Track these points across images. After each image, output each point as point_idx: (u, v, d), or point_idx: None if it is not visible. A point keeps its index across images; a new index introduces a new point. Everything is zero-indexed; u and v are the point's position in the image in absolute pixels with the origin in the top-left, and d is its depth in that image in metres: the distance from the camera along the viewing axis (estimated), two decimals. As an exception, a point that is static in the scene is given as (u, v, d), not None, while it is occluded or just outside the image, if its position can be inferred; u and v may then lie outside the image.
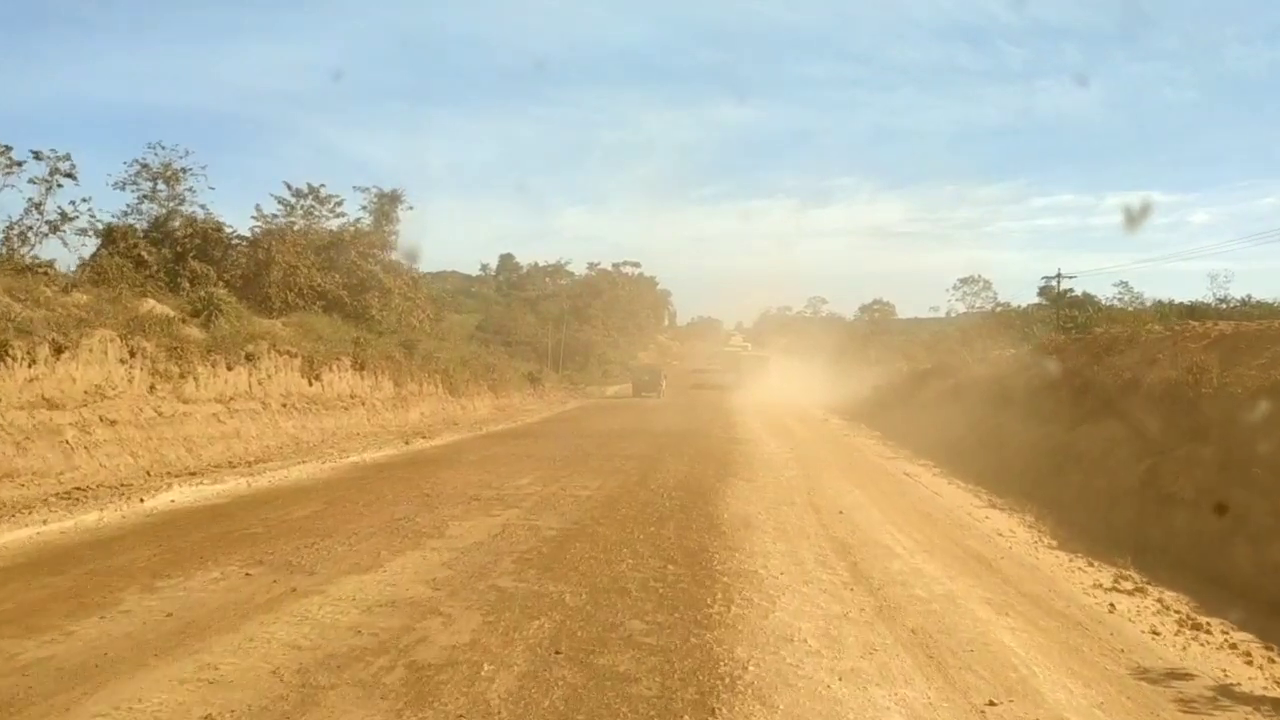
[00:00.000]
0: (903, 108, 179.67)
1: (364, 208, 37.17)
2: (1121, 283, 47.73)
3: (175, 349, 15.98)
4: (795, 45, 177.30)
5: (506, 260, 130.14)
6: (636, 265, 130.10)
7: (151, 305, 18.52)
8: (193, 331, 18.06)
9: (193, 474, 12.97)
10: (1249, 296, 31.59)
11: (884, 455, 20.27)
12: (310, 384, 20.13)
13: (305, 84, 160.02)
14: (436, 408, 26.36)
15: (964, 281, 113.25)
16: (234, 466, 14.24)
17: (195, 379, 16.21)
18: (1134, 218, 58.12)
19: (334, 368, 21.45)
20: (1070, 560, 9.26)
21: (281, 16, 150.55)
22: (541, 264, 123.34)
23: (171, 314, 18.07)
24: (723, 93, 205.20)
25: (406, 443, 18.94)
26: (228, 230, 26.26)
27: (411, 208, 42.01)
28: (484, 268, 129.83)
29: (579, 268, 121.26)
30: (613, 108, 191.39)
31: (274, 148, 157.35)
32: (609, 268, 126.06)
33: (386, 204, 41.73)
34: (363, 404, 22.13)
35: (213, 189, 28.86)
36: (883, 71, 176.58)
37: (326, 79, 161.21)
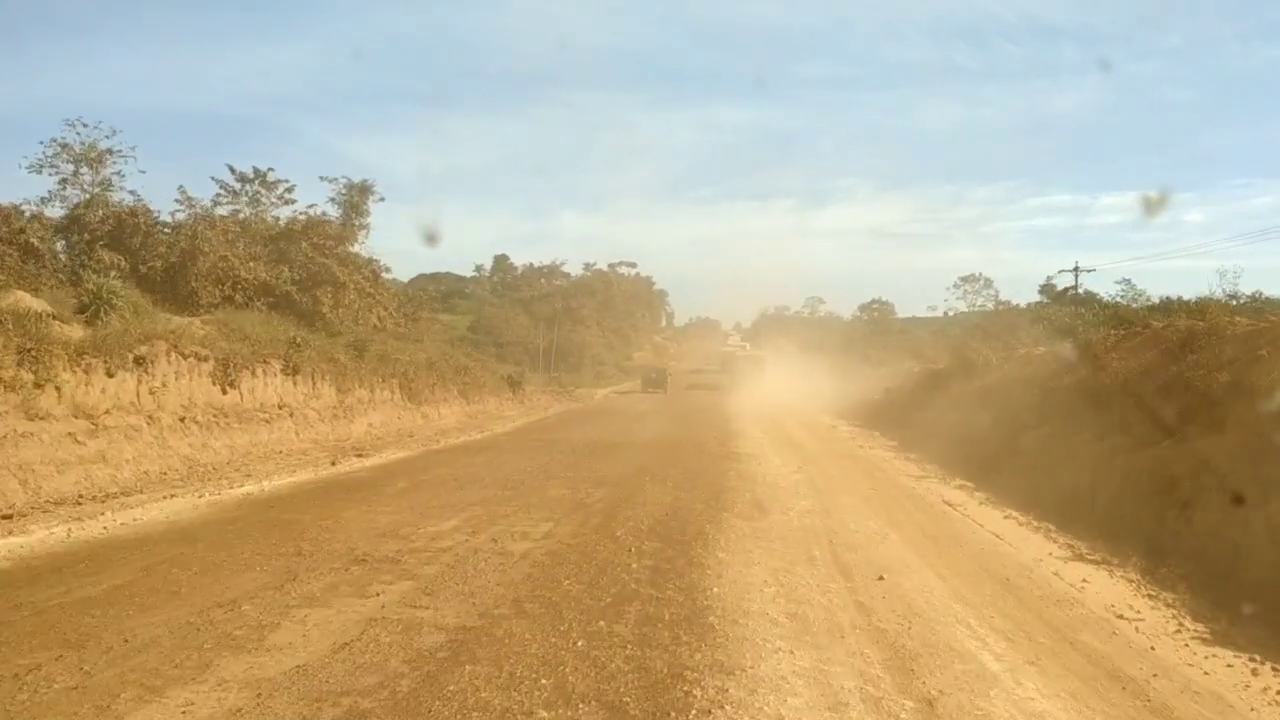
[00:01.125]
0: (900, 108, 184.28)
1: (332, 200, 34.66)
2: (1124, 280, 47.26)
3: (29, 351, 12.68)
4: (793, 46, 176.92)
5: (501, 261, 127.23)
6: (633, 265, 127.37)
7: (18, 298, 15.25)
8: (71, 330, 14.78)
9: (4, 518, 9.67)
10: (1259, 292, 29.97)
11: (910, 474, 17.00)
12: (224, 392, 16.82)
13: (302, 87, 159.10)
14: (390, 417, 23.05)
15: (965, 280, 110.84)
16: (81, 503, 10.93)
17: (57, 388, 12.90)
18: (1151, 207, 57.56)
19: (259, 373, 18.14)
20: (1248, 665, 5.99)
21: (275, 19, 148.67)
22: (537, 265, 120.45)
23: (43, 309, 14.80)
24: (721, 94, 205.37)
25: (334, 463, 15.62)
26: (149, 216, 22.97)
27: (383, 199, 39.17)
28: (478, 268, 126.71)
29: (575, 268, 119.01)
30: (611, 110, 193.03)
31: (267, 150, 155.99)
32: (605, 268, 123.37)
33: (356, 195, 38.75)
34: (292, 415, 18.81)
35: (143, 172, 25.68)
36: (880, 71, 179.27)
37: (322, 81, 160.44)
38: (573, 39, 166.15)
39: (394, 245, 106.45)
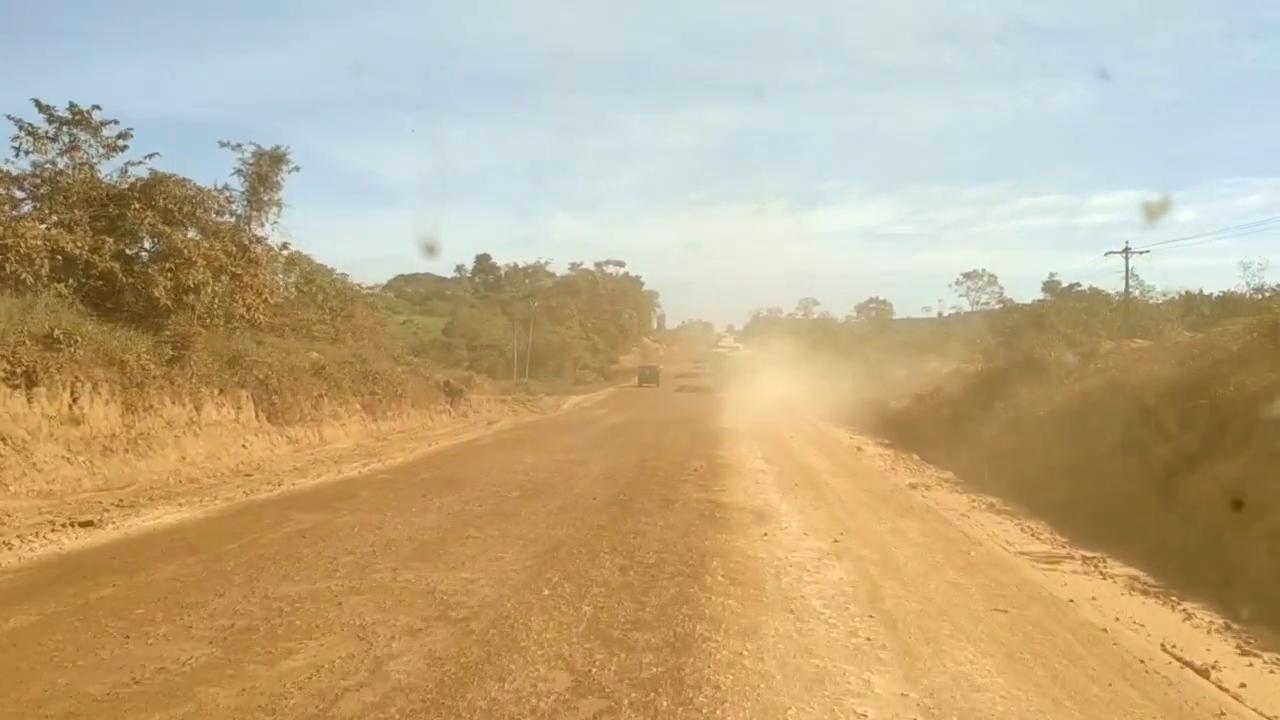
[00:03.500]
0: (890, 109, 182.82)
1: (237, 171, 27.94)
2: (1133, 275, 46.48)
3: None
4: (783, 48, 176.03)
5: (483, 261, 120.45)
6: (621, 264, 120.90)
7: None
8: None
9: None
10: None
11: (1033, 554, 9.97)
12: None
13: (289, 93, 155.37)
14: (227, 445, 15.92)
15: (967, 277, 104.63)
16: None
17: None
18: (1154, 212, 58.50)
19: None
20: None
21: (261, 26, 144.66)
22: (522, 265, 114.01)
23: None
24: (712, 97, 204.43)
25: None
26: None
27: (298, 168, 32.16)
28: (459, 269, 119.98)
29: (561, 268, 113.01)
30: (602, 114, 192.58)
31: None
32: (591, 267, 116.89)
33: (265, 166, 31.75)
34: (21, 450, 11.72)
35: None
36: (870, 73, 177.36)
37: (310, 87, 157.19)
38: (563, 43, 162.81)
39: (382, 251, 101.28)
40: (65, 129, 20.43)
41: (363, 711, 4.54)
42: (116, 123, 20.99)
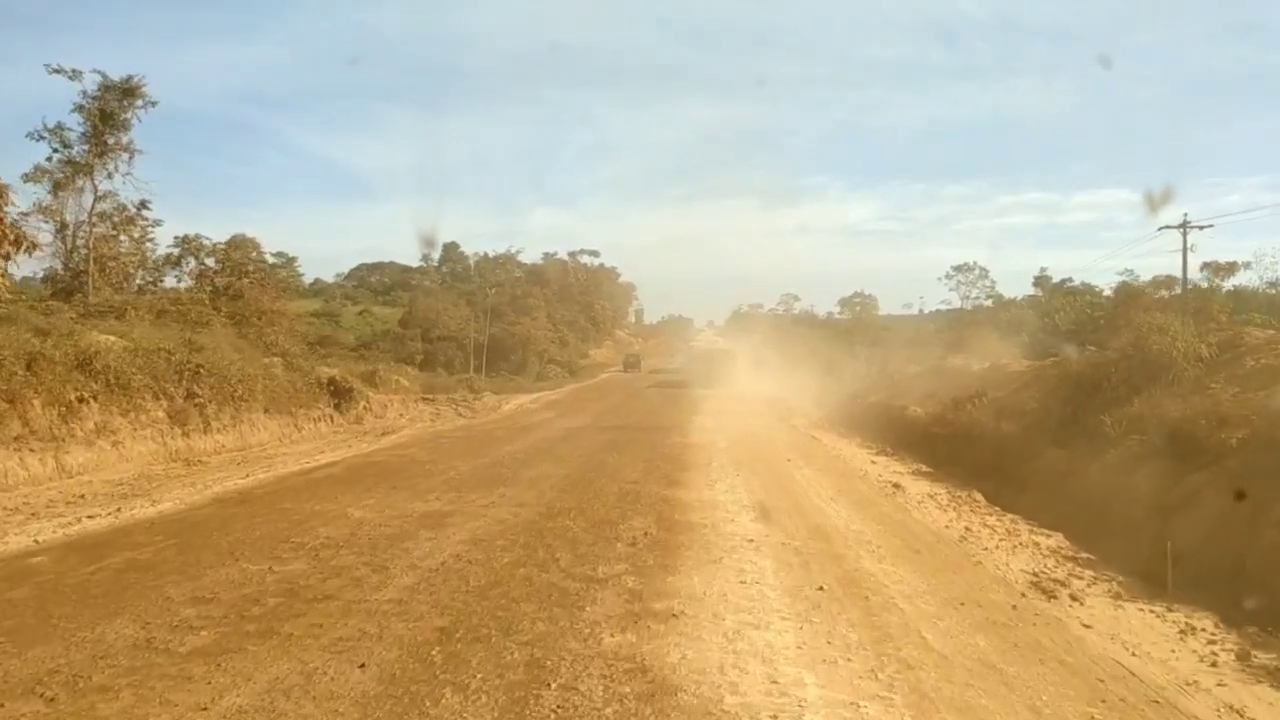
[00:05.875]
0: (873, 105, 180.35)
1: (78, 106, 21.24)
2: (1127, 270, 47.19)
3: None
4: (767, 44, 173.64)
5: (451, 250, 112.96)
6: (595, 254, 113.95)
7: None
8: None
9: None
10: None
11: None
12: None
13: (273, 84, 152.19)
14: None
15: (958, 270, 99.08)
16: None
17: None
18: (1154, 203, 53.43)
19: None
20: None
21: (244, 17, 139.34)
22: (493, 254, 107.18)
23: None
24: (694, 92, 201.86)
25: None
26: None
27: (155, 103, 25.46)
28: (425, 257, 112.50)
29: (534, 257, 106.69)
30: (583, 108, 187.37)
31: (234, 148, 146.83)
32: (565, 256, 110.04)
33: (112, 100, 25.01)
34: None
35: None
36: (853, 69, 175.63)
37: (293, 78, 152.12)
38: (546, 37, 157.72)
39: (360, 245, 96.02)
40: None
41: None
42: None
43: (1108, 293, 35.93)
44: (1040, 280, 75.64)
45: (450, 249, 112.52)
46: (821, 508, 11.12)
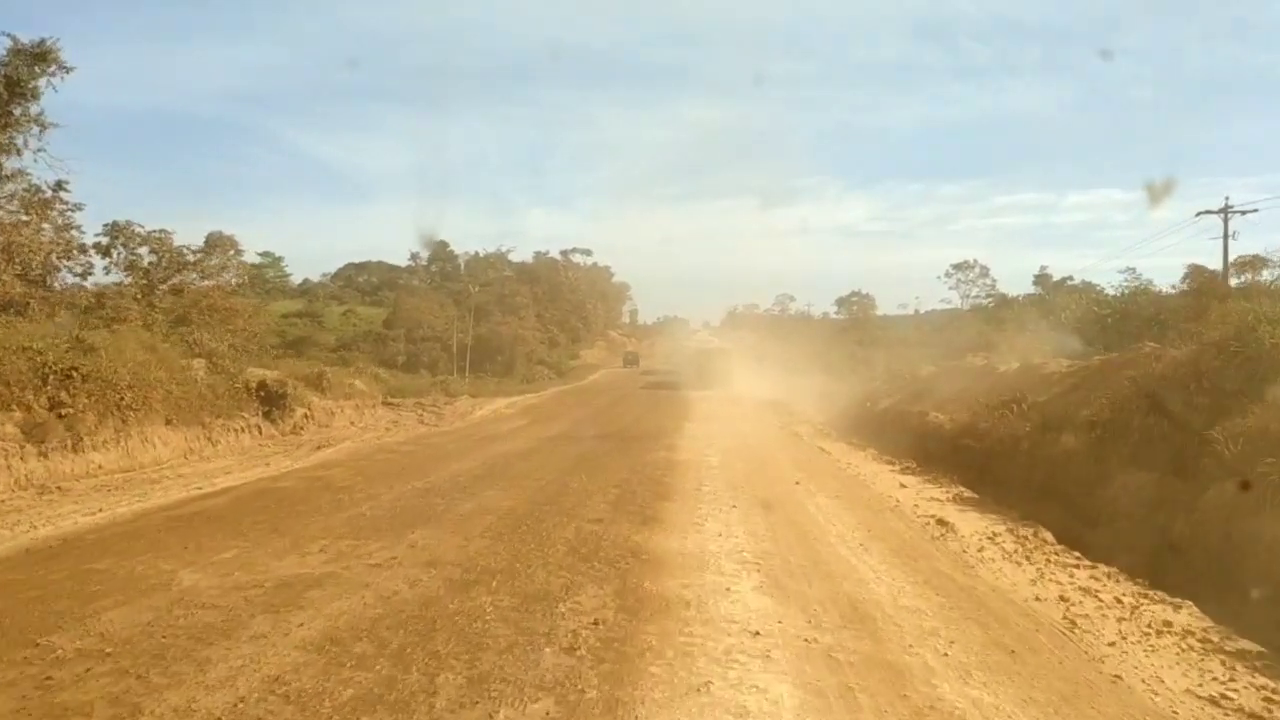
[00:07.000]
0: (868, 106, 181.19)
1: None
2: (1129, 268, 44.48)
3: None
4: (762, 44, 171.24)
5: (440, 249, 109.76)
6: (588, 253, 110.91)
7: None
8: None
9: None
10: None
11: None
12: None
13: (267, 85, 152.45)
14: None
15: (957, 268, 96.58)
16: None
17: None
18: (1156, 194, 53.23)
19: None
20: None
21: (237, 16, 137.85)
22: (483, 253, 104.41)
23: None
24: (689, 92, 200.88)
25: None
26: None
27: (69, 70, 22.31)
28: (413, 256, 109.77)
29: (526, 255, 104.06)
30: (578, 107, 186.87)
31: (228, 148, 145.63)
32: (557, 255, 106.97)
33: (19, 66, 21.88)
34: None
35: None
36: (849, 70, 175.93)
37: (288, 79, 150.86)
38: (541, 37, 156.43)
39: (364, 244, 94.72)
40: None
41: None
42: None
43: (1161, 286, 32.71)
44: (1040, 279, 73.10)
45: (439, 248, 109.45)
46: (851, 562, 8.02)
